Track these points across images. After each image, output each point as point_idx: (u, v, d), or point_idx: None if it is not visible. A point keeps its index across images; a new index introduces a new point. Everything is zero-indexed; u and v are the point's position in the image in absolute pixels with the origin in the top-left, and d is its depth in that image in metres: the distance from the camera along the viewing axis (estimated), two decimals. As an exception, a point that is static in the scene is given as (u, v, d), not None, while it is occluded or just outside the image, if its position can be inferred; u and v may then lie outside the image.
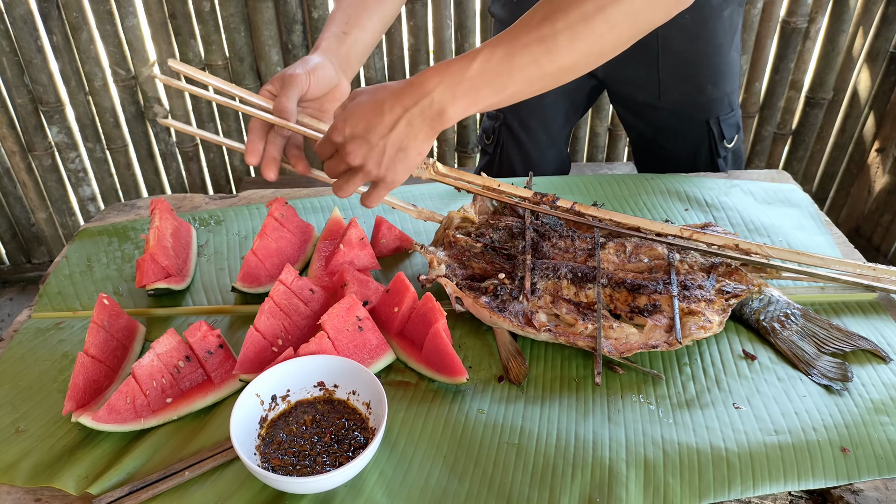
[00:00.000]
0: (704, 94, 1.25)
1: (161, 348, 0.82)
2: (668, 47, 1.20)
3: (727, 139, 1.29)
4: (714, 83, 1.25)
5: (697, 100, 1.26)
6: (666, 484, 0.71)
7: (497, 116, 1.37)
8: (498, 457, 0.74)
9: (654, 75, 1.24)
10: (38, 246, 2.27)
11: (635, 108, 1.33)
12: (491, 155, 1.41)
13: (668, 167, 1.34)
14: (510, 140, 1.38)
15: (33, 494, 0.73)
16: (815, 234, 1.08)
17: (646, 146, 1.38)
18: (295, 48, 1.96)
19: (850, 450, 0.74)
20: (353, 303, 0.85)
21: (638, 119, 1.34)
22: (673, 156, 1.33)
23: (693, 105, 1.27)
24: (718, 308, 0.88)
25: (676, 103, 1.27)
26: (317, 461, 0.71)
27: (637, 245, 0.97)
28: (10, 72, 1.88)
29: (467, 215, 1.02)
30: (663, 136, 1.33)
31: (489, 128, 1.40)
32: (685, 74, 1.24)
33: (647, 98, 1.28)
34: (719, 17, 1.19)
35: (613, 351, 0.84)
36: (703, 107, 1.27)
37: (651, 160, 1.39)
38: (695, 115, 1.28)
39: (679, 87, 1.25)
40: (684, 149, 1.32)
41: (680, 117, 1.29)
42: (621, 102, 1.35)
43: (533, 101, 1.29)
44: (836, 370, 0.83)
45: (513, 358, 0.86)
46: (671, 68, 1.22)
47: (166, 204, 1.08)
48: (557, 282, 0.92)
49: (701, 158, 1.31)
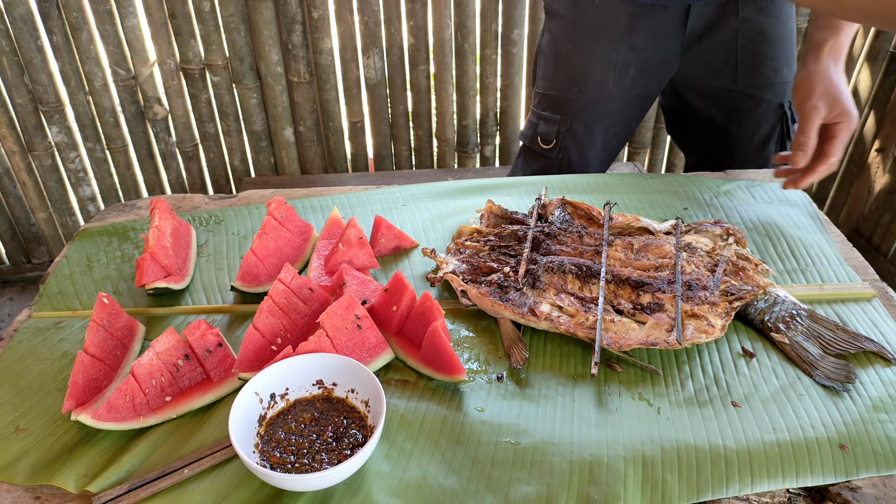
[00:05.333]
0: (780, 77, 1.26)
1: (160, 347, 0.82)
2: (747, 28, 1.21)
3: (797, 122, 1.30)
4: (788, 66, 1.26)
5: (774, 82, 1.26)
6: (664, 481, 0.71)
7: (562, 121, 1.33)
8: (496, 454, 0.74)
9: (733, 57, 1.24)
10: (38, 246, 2.27)
11: (708, 92, 1.32)
12: (551, 160, 1.38)
13: (735, 155, 1.34)
14: (573, 144, 1.35)
15: (33, 493, 0.73)
16: (814, 233, 1.08)
17: (714, 134, 1.37)
18: (295, 48, 1.96)
19: (848, 447, 0.74)
20: (351, 301, 0.85)
21: (710, 103, 1.33)
22: (742, 142, 1.33)
23: (769, 88, 1.27)
24: (721, 311, 0.88)
25: (753, 86, 1.27)
26: (315, 459, 0.72)
27: (644, 243, 0.97)
28: (10, 72, 1.89)
29: (477, 227, 1.05)
30: (734, 122, 1.32)
31: (550, 132, 1.35)
32: (762, 56, 1.24)
33: (723, 81, 1.28)
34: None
35: (612, 343, 0.84)
36: (778, 90, 1.27)
37: (717, 149, 1.38)
38: (770, 98, 1.28)
39: (756, 69, 1.26)
40: (756, 134, 1.32)
41: (755, 100, 1.29)
42: (694, 88, 1.34)
43: (602, 109, 1.30)
44: (839, 372, 0.83)
45: (514, 344, 0.87)
46: (749, 50, 1.23)
47: (166, 204, 1.08)
48: (563, 276, 0.92)
49: (772, 143, 1.31)
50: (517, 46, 2.04)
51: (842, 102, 1.03)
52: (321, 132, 2.16)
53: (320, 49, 1.98)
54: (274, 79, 2.02)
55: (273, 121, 2.11)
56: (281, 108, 2.08)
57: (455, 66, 2.07)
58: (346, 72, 2.04)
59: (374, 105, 2.10)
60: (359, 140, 2.19)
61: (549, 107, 1.35)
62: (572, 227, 1.03)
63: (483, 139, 2.23)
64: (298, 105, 2.08)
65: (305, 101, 2.07)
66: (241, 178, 2.21)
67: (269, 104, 2.08)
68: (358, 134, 2.18)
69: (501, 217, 1.07)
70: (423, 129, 2.19)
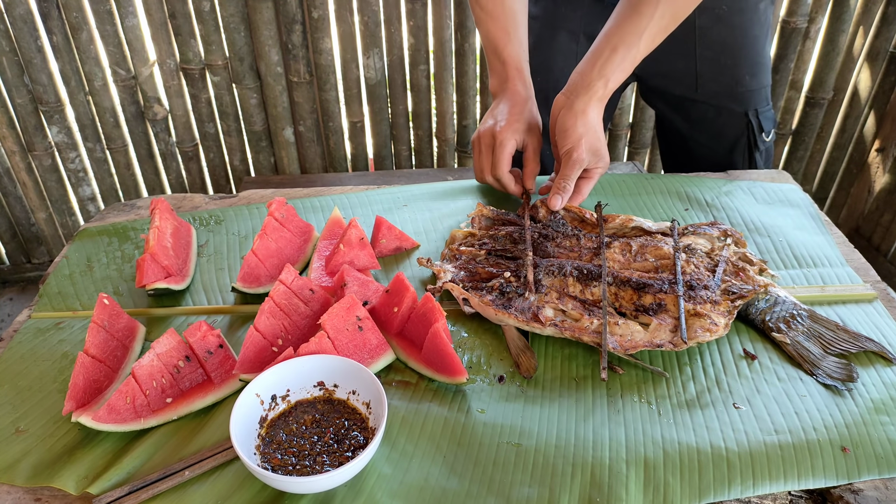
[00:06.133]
0: (742, 86, 1.26)
1: (161, 348, 0.82)
2: (705, 37, 1.21)
3: (765, 132, 1.30)
4: (752, 74, 1.25)
5: (736, 91, 1.26)
6: (666, 483, 0.71)
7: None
8: (498, 456, 0.74)
9: (692, 67, 1.24)
10: (38, 246, 2.27)
11: (672, 102, 1.33)
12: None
13: (702, 164, 1.33)
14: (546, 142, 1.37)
15: (33, 494, 0.73)
16: (815, 233, 1.08)
17: (679, 143, 1.37)
18: (295, 48, 1.96)
19: (850, 449, 0.74)
20: (352, 303, 0.85)
21: (674, 113, 1.33)
22: (709, 151, 1.33)
23: (731, 97, 1.27)
24: (724, 310, 0.88)
25: (714, 95, 1.27)
26: (316, 461, 0.71)
27: (643, 245, 0.97)
28: (10, 72, 1.88)
29: (470, 231, 1.05)
30: (698, 131, 1.32)
31: None
32: (723, 65, 1.24)
33: (685, 91, 1.28)
34: (755, 9, 1.21)
35: (618, 347, 0.84)
36: (741, 98, 1.27)
37: (683, 157, 1.38)
38: (733, 107, 1.28)
39: (717, 78, 1.25)
40: (721, 143, 1.32)
41: (718, 110, 1.29)
42: (658, 96, 1.35)
43: None
44: (840, 371, 0.83)
45: (522, 353, 0.86)
46: (709, 59, 1.23)
47: (166, 204, 1.08)
48: (563, 279, 0.92)
49: (738, 152, 1.31)
50: (517, 46, 2.03)
51: (601, 153, 1.06)
52: (321, 132, 2.16)
53: (320, 49, 1.98)
54: (274, 79, 2.01)
55: (273, 121, 2.11)
56: (281, 108, 2.08)
57: (455, 66, 2.06)
58: (346, 72, 2.04)
59: (374, 105, 2.10)
60: (359, 140, 2.19)
61: None
62: (568, 230, 1.03)
63: (483, 139, 2.23)
64: (298, 105, 2.08)
65: (305, 101, 2.07)
66: (241, 178, 2.21)
67: (269, 104, 2.08)
68: (358, 134, 2.18)
69: (493, 219, 1.07)
70: (423, 129, 2.19)
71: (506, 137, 1.09)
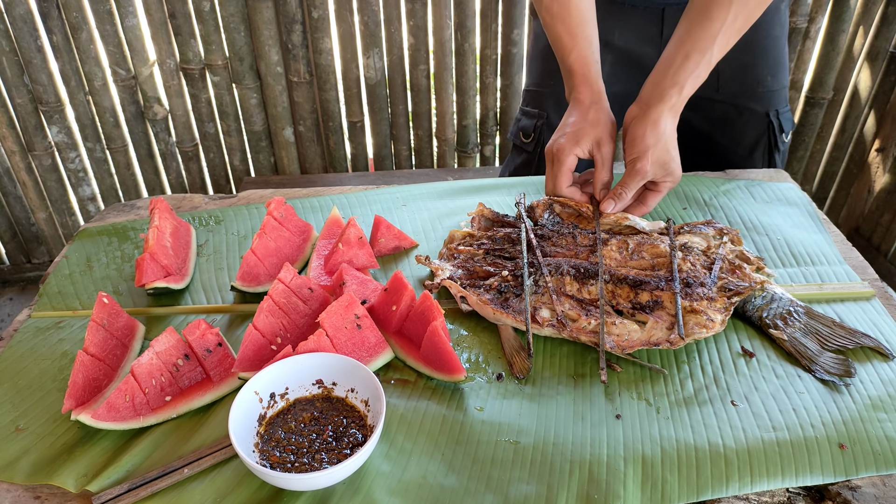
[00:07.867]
0: (763, 86, 1.25)
1: (160, 347, 0.82)
2: None
3: (785, 132, 1.29)
4: (773, 74, 1.25)
5: (757, 91, 1.26)
6: (664, 480, 0.71)
7: (539, 115, 1.34)
8: (496, 454, 0.74)
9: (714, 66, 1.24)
10: (38, 246, 2.27)
11: (692, 101, 1.31)
12: (531, 153, 1.38)
13: (721, 164, 1.33)
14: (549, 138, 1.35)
15: (33, 492, 0.73)
16: (814, 232, 1.08)
17: (699, 143, 1.36)
18: (295, 48, 1.97)
19: (847, 446, 0.74)
20: (351, 301, 0.85)
21: (693, 113, 1.32)
22: (728, 151, 1.32)
23: (753, 97, 1.27)
24: (720, 306, 0.88)
25: (736, 95, 1.27)
26: (315, 458, 0.72)
27: (639, 242, 0.97)
28: (10, 72, 1.89)
29: (468, 231, 1.05)
30: (719, 131, 1.32)
31: (529, 126, 1.37)
32: (744, 65, 1.23)
33: (705, 90, 1.27)
34: (776, 9, 1.21)
35: (615, 346, 0.84)
36: (762, 98, 1.27)
37: (702, 157, 1.37)
38: (755, 107, 1.27)
39: (738, 78, 1.25)
40: (741, 143, 1.31)
41: (739, 110, 1.28)
42: None
43: None
44: (838, 366, 0.83)
45: (517, 353, 0.86)
46: (730, 59, 1.22)
47: (166, 203, 1.08)
48: (560, 278, 0.92)
49: (759, 152, 1.31)
50: (517, 46, 2.04)
51: (670, 167, 1.01)
52: (321, 132, 2.17)
53: (320, 49, 1.98)
54: (274, 79, 2.02)
55: (273, 121, 2.11)
56: (281, 108, 2.08)
57: (455, 66, 2.07)
58: (346, 72, 2.04)
59: (374, 105, 2.11)
60: (359, 140, 2.19)
61: (531, 102, 1.37)
62: (564, 228, 1.02)
63: (483, 139, 2.23)
64: (298, 105, 2.08)
65: (305, 101, 2.07)
66: (241, 178, 2.21)
67: (269, 104, 2.08)
68: (358, 134, 2.18)
69: (492, 220, 1.07)
70: (423, 129, 2.19)
71: (564, 153, 1.03)
